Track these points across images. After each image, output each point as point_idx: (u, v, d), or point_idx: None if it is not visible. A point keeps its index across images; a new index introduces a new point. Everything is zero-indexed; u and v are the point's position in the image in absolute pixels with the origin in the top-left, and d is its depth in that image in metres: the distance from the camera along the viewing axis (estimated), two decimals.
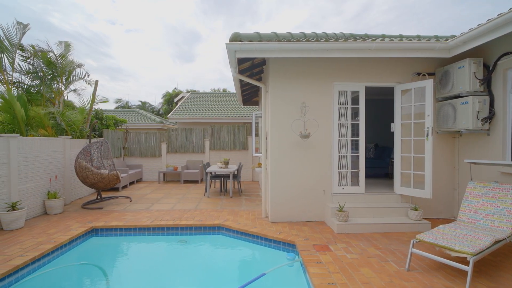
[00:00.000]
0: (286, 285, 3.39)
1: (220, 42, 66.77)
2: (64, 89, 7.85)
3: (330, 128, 4.97)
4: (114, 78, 56.31)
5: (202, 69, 61.83)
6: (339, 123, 5.00)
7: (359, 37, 5.93)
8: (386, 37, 5.84)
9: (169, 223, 4.79)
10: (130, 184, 9.18)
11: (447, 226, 3.45)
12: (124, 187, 8.54)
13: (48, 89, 7.34)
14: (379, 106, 8.11)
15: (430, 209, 5.05)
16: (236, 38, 4.24)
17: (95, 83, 7.74)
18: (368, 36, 6.09)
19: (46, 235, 4.25)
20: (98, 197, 6.50)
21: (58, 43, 7.97)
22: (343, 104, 5.01)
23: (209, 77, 60.13)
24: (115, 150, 9.67)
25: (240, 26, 71.25)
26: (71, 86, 8.11)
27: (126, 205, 6.29)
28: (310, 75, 4.95)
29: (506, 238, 3.07)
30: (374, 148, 8.88)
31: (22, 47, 6.92)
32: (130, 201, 6.69)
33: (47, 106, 7.37)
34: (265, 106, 5.30)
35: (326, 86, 4.97)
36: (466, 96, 4.34)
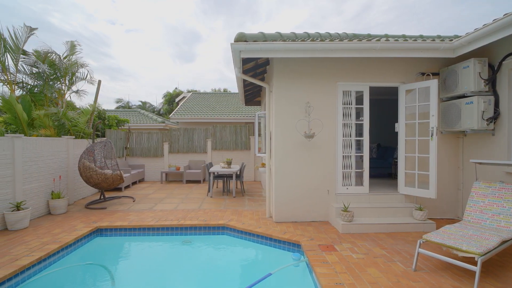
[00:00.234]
0: (292, 285, 3.39)
1: (220, 42, 66.74)
2: (67, 89, 7.86)
3: (334, 128, 4.97)
4: (114, 78, 56.35)
5: (202, 69, 61.88)
6: (343, 123, 5.00)
7: (362, 37, 5.93)
8: (389, 37, 5.83)
9: (173, 223, 4.79)
10: (132, 184, 9.19)
11: (453, 226, 3.45)
12: (126, 187, 8.54)
13: (51, 89, 7.34)
14: (381, 106, 8.11)
15: (434, 209, 5.05)
16: (241, 38, 4.24)
17: (98, 83, 7.75)
18: (371, 36, 6.09)
19: (51, 235, 4.26)
20: (101, 197, 6.50)
21: (65, 43, 7.97)
22: (347, 104, 5.01)
23: (209, 77, 60.18)
24: (118, 150, 9.68)
25: (240, 26, 71.23)
26: (74, 87, 8.13)
27: (130, 205, 6.30)
28: (314, 75, 4.95)
29: None
30: (376, 148, 8.88)
31: (24, 52, 6.94)
32: (133, 201, 6.69)
33: (50, 106, 7.38)
34: (269, 106, 5.30)
35: (330, 86, 4.97)
36: (471, 96, 4.34)
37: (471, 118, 4.27)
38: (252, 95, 9.30)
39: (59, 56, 7.50)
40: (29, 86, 7.21)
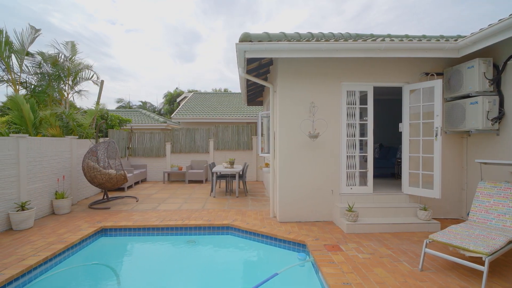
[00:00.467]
0: (298, 285, 3.39)
1: (220, 42, 66.73)
2: (70, 89, 7.87)
3: (339, 128, 4.98)
4: (114, 78, 56.37)
5: (202, 69, 61.88)
6: (347, 123, 5.00)
7: (365, 37, 5.93)
8: (392, 37, 5.84)
9: (178, 223, 4.80)
10: (135, 184, 9.20)
11: (459, 226, 3.46)
12: (129, 187, 8.55)
13: (54, 89, 7.35)
14: (384, 106, 8.11)
15: (438, 209, 5.05)
16: (246, 38, 4.24)
17: (101, 83, 7.75)
18: (374, 36, 6.09)
19: (56, 235, 4.26)
20: (105, 197, 6.50)
21: (65, 43, 7.98)
22: (351, 104, 5.01)
23: (209, 77, 60.18)
24: (120, 150, 9.69)
25: (240, 26, 71.17)
26: (77, 87, 8.13)
27: (133, 205, 6.30)
28: (318, 75, 4.96)
29: None
30: (379, 148, 8.88)
31: (28, 53, 6.95)
32: (137, 201, 6.69)
33: (53, 106, 7.39)
34: (273, 106, 5.30)
35: (334, 86, 4.98)
36: (475, 96, 4.34)
37: (476, 118, 4.28)
38: (254, 95, 9.30)
39: (66, 57, 7.50)
40: (32, 86, 7.22)
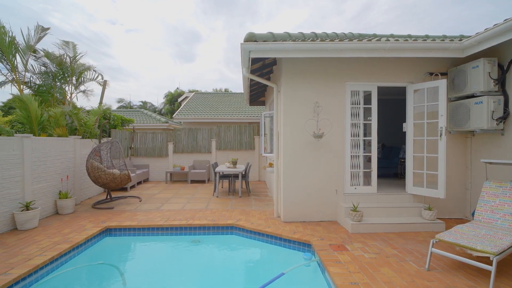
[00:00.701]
0: (304, 284, 3.39)
1: (220, 42, 66.81)
2: (74, 89, 7.87)
3: (343, 128, 4.98)
4: (114, 78, 56.44)
5: (202, 69, 61.97)
6: (352, 123, 5.00)
7: (368, 37, 5.93)
8: (395, 37, 5.83)
9: (182, 223, 4.80)
10: (137, 184, 9.20)
11: (465, 225, 3.46)
12: (132, 187, 8.56)
13: (58, 89, 7.36)
14: (386, 105, 8.10)
15: (442, 209, 5.05)
16: (251, 38, 4.24)
17: (104, 83, 7.76)
18: (377, 35, 6.09)
19: (61, 235, 4.27)
20: (108, 197, 6.51)
21: (65, 43, 7.96)
22: (355, 104, 5.01)
23: (209, 77, 60.26)
24: (123, 150, 9.69)
25: (240, 26, 71.26)
26: (81, 87, 8.13)
27: (136, 205, 6.31)
28: (322, 75, 4.96)
29: None
30: (381, 148, 8.88)
31: (34, 50, 6.95)
32: (140, 201, 6.70)
33: (56, 106, 7.40)
34: (277, 106, 5.30)
35: (338, 86, 4.98)
36: (480, 96, 4.34)
37: (481, 118, 4.28)
38: (256, 95, 9.31)
39: (70, 57, 7.51)
40: (36, 86, 7.22)
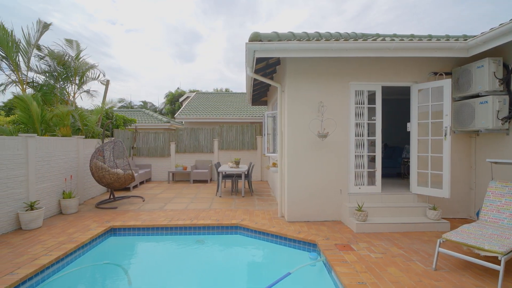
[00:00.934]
0: (311, 284, 3.39)
1: (220, 42, 66.94)
2: (77, 89, 7.87)
3: (347, 127, 4.98)
4: (114, 78, 56.57)
5: (202, 69, 62.10)
6: (356, 123, 5.00)
7: (371, 36, 5.93)
8: (399, 36, 5.82)
9: (186, 223, 4.80)
10: (140, 183, 9.19)
11: (471, 225, 3.45)
12: (134, 187, 8.55)
13: (61, 89, 7.36)
14: (388, 105, 8.09)
15: (446, 208, 5.05)
16: (256, 37, 4.24)
17: (107, 83, 7.76)
18: (380, 35, 6.08)
19: (66, 235, 4.27)
20: (111, 196, 6.51)
21: (68, 42, 7.94)
22: (360, 103, 5.01)
23: (209, 77, 60.41)
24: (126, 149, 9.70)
25: (240, 26, 71.44)
26: (84, 87, 8.12)
27: (140, 204, 6.30)
28: (327, 75, 4.95)
29: None
30: (384, 148, 8.87)
31: (38, 46, 6.94)
32: (143, 200, 6.70)
33: (59, 106, 7.40)
34: (281, 105, 5.30)
35: (342, 85, 4.97)
36: (485, 95, 4.33)
37: (486, 118, 4.27)
38: (259, 95, 9.30)
39: (72, 57, 7.51)
40: (39, 87, 7.22)
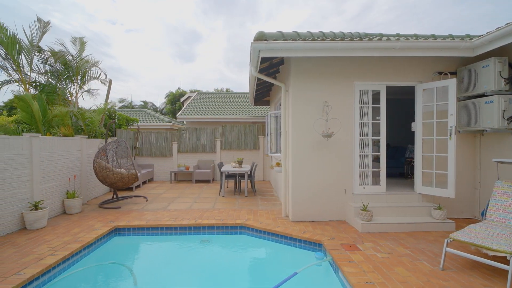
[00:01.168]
0: (317, 284, 3.38)
1: (220, 42, 66.98)
2: (79, 88, 7.86)
3: (351, 127, 4.97)
4: (115, 78, 56.63)
5: (202, 69, 62.15)
6: (360, 122, 5.00)
7: (374, 36, 5.92)
8: (401, 36, 5.81)
9: (191, 223, 4.79)
10: (142, 183, 9.20)
11: (478, 225, 3.45)
12: (137, 187, 8.55)
13: (63, 89, 7.35)
14: (390, 105, 8.04)
15: (451, 208, 5.04)
16: (261, 37, 4.23)
17: (109, 83, 7.75)
18: (383, 35, 6.06)
19: (71, 235, 4.26)
20: (114, 196, 6.50)
21: (73, 40, 7.93)
22: (364, 103, 5.00)
23: (209, 77, 60.46)
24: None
25: (240, 26, 71.48)
26: (85, 86, 8.12)
27: (143, 204, 6.30)
28: (331, 75, 4.95)
29: None
30: (386, 147, 8.85)
31: (39, 48, 6.93)
32: (146, 200, 6.69)
33: (62, 106, 7.39)
34: (285, 105, 5.29)
35: (346, 85, 4.97)
36: (491, 95, 4.33)
37: (492, 117, 4.26)
38: (261, 95, 9.30)
39: (74, 56, 7.50)
40: (42, 86, 7.21)
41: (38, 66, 7.25)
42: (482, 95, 4.50)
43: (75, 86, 8.03)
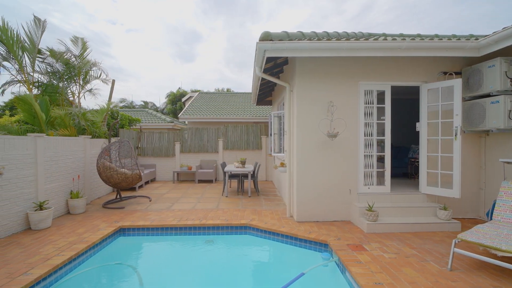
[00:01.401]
0: (324, 285, 3.37)
1: (220, 42, 66.98)
2: (81, 89, 7.85)
3: (356, 127, 4.96)
4: (115, 78, 55.69)
5: (202, 69, 62.18)
6: (365, 122, 4.99)
7: (377, 36, 5.90)
8: (405, 36, 5.80)
9: (195, 223, 4.79)
10: (145, 183, 9.19)
11: (485, 225, 3.44)
12: (140, 187, 8.55)
13: (66, 89, 7.35)
14: (392, 105, 8.04)
15: (456, 209, 5.03)
16: (266, 37, 4.23)
17: (112, 83, 7.74)
18: (386, 35, 6.06)
19: (76, 235, 4.26)
20: (118, 196, 6.50)
21: (74, 39, 7.90)
22: (369, 103, 5.00)
23: (209, 77, 60.49)
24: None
25: (240, 26, 71.49)
26: (87, 86, 8.10)
27: (147, 204, 6.30)
28: (336, 75, 4.94)
29: None
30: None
31: (39, 51, 6.92)
32: (150, 200, 6.69)
33: (65, 106, 7.39)
34: (289, 105, 5.29)
35: (351, 85, 4.96)
36: (496, 95, 4.32)
37: (497, 117, 4.25)
38: (263, 95, 9.29)
39: (76, 56, 7.49)
40: (44, 87, 7.21)
41: (40, 66, 7.25)
42: (488, 95, 4.49)
43: (77, 86, 8.02)
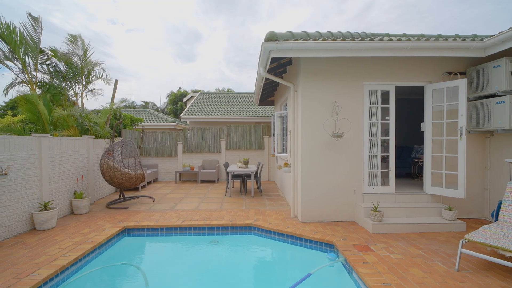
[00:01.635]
0: (331, 285, 3.37)
1: (221, 41, 66.98)
2: (84, 88, 7.85)
3: (361, 127, 4.96)
4: (115, 77, 56.47)
5: (202, 69, 62.18)
6: (369, 123, 4.98)
7: (381, 35, 5.90)
8: (408, 36, 5.79)
9: (200, 223, 4.79)
10: (148, 183, 9.19)
11: (492, 226, 3.43)
12: (143, 187, 8.55)
13: (68, 89, 7.35)
14: (396, 105, 8.04)
15: (460, 209, 5.02)
16: (272, 37, 4.22)
17: (115, 83, 7.74)
18: (389, 35, 6.05)
19: (81, 235, 4.26)
20: (121, 196, 6.50)
21: (72, 38, 7.85)
22: (373, 103, 4.99)
23: (210, 77, 60.50)
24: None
25: (241, 26, 71.47)
26: (90, 86, 8.10)
27: (150, 204, 6.29)
28: (340, 75, 4.94)
29: None
30: None
31: (41, 51, 6.92)
32: (153, 200, 6.69)
33: (67, 106, 7.39)
34: (293, 105, 5.28)
35: (356, 85, 4.95)
36: (502, 95, 4.31)
37: (503, 118, 4.25)
38: (266, 95, 9.29)
39: (79, 56, 7.48)
40: (47, 87, 7.20)
41: (42, 66, 7.24)
42: (493, 95, 4.49)
43: (80, 86, 8.02)
